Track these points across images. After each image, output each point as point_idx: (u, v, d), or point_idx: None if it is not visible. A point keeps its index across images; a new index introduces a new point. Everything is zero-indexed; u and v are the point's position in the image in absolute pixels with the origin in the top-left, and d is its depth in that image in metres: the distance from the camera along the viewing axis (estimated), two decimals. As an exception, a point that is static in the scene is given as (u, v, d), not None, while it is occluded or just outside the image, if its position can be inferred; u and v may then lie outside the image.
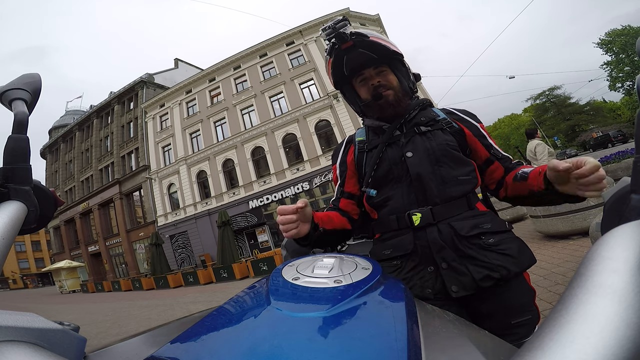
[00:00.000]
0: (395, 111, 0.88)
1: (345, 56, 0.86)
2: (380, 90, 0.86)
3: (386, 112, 0.88)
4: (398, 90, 0.88)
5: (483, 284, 0.72)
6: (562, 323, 0.15)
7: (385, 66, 0.89)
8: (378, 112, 0.89)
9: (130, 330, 4.08)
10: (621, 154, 5.12)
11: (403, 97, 0.89)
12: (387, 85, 0.87)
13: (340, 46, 0.82)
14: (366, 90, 0.90)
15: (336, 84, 0.97)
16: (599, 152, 21.58)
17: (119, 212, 20.30)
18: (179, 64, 25.37)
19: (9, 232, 0.32)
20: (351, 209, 0.94)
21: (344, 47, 0.82)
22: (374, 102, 0.88)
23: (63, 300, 14.27)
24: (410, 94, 0.91)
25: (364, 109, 0.93)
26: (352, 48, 0.83)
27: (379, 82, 0.87)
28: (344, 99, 1.00)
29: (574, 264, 2.74)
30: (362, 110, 0.95)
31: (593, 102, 41.40)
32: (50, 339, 0.23)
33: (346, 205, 0.94)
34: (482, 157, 0.87)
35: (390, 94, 0.87)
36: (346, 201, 0.94)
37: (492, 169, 0.87)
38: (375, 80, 0.88)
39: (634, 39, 27.62)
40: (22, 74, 0.41)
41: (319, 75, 16.21)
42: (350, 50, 0.84)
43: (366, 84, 0.90)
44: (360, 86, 0.92)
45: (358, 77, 0.91)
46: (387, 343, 0.27)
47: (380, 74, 0.88)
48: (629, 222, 0.21)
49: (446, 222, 0.78)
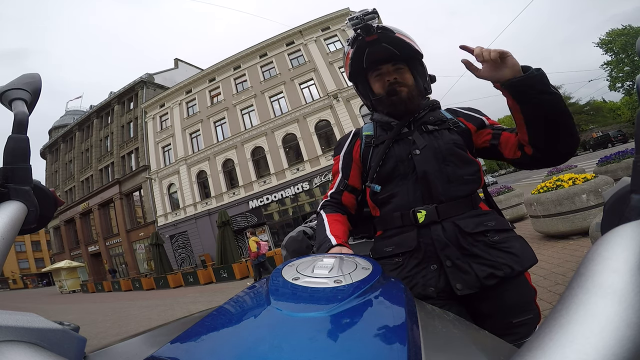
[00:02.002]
0: (407, 108, 0.88)
1: (368, 49, 0.86)
2: (396, 86, 0.87)
3: (398, 109, 0.88)
4: (413, 89, 0.88)
5: (487, 282, 0.72)
6: (562, 323, 0.15)
7: (404, 64, 0.89)
8: (390, 108, 0.89)
9: (130, 330, 4.08)
10: (621, 154, 5.13)
11: (417, 96, 0.89)
12: (403, 82, 0.87)
13: (365, 38, 0.82)
14: (381, 85, 0.90)
15: (351, 76, 0.97)
16: (599, 152, 21.57)
17: (119, 212, 20.30)
18: (179, 64, 25.37)
19: (9, 232, 0.32)
20: (351, 204, 0.94)
21: (368, 39, 0.82)
22: (387, 98, 0.88)
23: (63, 300, 14.27)
24: (424, 94, 0.92)
25: (375, 103, 0.93)
26: (376, 41, 0.83)
27: (395, 79, 0.87)
28: (356, 91, 1.00)
29: (574, 264, 2.74)
30: (373, 104, 0.95)
31: (593, 102, 41.42)
32: (50, 339, 0.23)
33: (347, 198, 0.93)
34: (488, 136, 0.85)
35: (405, 91, 0.87)
36: (349, 195, 0.94)
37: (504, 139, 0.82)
38: (392, 77, 0.88)
39: (634, 39, 27.60)
40: (22, 74, 0.41)
41: (319, 75, 16.20)
42: (374, 44, 0.84)
43: (382, 79, 0.90)
44: (375, 80, 0.92)
45: (375, 71, 0.91)
46: (387, 343, 0.27)
47: (397, 71, 0.89)
48: (629, 222, 0.20)
49: (450, 220, 0.78)
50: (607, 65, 33.03)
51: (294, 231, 1.34)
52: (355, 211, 0.95)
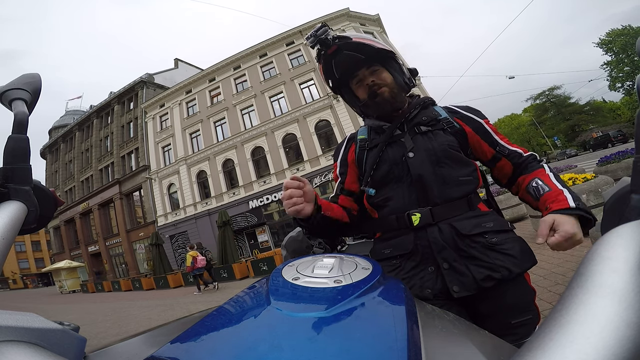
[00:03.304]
0: (393, 107, 0.88)
1: (333, 60, 0.88)
2: (375, 88, 0.87)
3: (384, 109, 0.88)
4: (393, 87, 0.88)
5: (484, 284, 0.72)
6: (562, 323, 0.15)
7: (378, 65, 0.90)
8: (377, 111, 0.90)
9: (130, 330, 4.08)
10: (621, 154, 5.13)
11: (399, 92, 0.90)
12: (382, 83, 0.88)
13: (326, 51, 0.84)
14: (363, 90, 0.91)
15: (334, 89, 0.98)
16: (599, 152, 21.58)
17: (119, 212, 20.30)
18: (179, 64, 25.38)
19: (9, 232, 0.32)
20: (349, 205, 0.94)
21: (329, 52, 0.85)
22: (371, 101, 0.88)
23: (63, 300, 14.27)
24: (406, 88, 0.92)
25: (364, 109, 0.94)
26: (338, 51, 0.85)
27: (373, 81, 0.88)
28: (345, 102, 1.00)
29: (574, 264, 2.74)
30: (362, 111, 0.95)
31: (593, 102, 41.39)
32: (50, 339, 0.23)
33: (344, 201, 0.94)
34: (487, 154, 0.87)
35: (386, 91, 0.87)
36: (345, 198, 0.95)
37: (500, 165, 0.87)
38: (370, 80, 0.88)
39: (634, 39, 27.61)
40: (22, 74, 0.41)
41: (319, 75, 16.07)
42: (337, 54, 0.86)
43: (362, 85, 0.90)
44: (357, 87, 0.93)
45: (353, 79, 0.92)
46: (387, 343, 0.27)
47: (373, 74, 0.89)
48: (629, 222, 0.21)
49: (447, 222, 0.77)
50: (607, 65, 33.05)
51: (294, 231, 1.34)
52: (357, 212, 0.96)
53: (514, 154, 0.86)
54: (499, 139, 0.88)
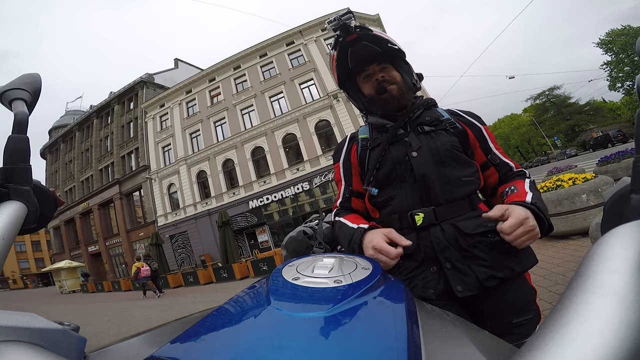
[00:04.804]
0: (399, 105, 0.88)
1: (350, 49, 0.87)
2: (384, 84, 0.87)
3: (390, 106, 0.88)
4: (401, 85, 0.89)
5: (487, 283, 0.72)
6: (562, 323, 0.15)
7: (388, 63, 0.90)
8: (382, 107, 0.89)
9: (131, 330, 4.08)
10: (621, 154, 5.14)
11: (407, 92, 0.90)
12: (391, 80, 0.88)
13: (345, 38, 0.83)
14: (370, 86, 0.90)
15: (340, 82, 0.97)
16: (599, 152, 21.57)
17: (119, 212, 20.31)
18: (179, 64, 25.39)
19: (9, 232, 0.32)
20: (362, 208, 0.94)
21: (348, 39, 0.84)
22: (377, 97, 0.88)
23: (63, 300, 14.27)
24: (413, 89, 0.92)
25: (368, 105, 0.93)
26: (357, 40, 0.84)
27: (383, 77, 0.88)
28: (348, 97, 1.00)
29: (574, 264, 2.74)
30: (366, 107, 0.95)
31: (593, 102, 41.44)
32: (50, 339, 0.23)
33: (357, 204, 0.93)
34: (479, 160, 0.88)
35: (394, 89, 0.87)
36: (357, 200, 0.93)
37: (487, 174, 0.87)
38: (379, 76, 0.88)
39: (634, 39, 27.60)
40: (22, 74, 0.41)
41: (319, 75, 16.20)
42: (355, 43, 0.85)
43: (370, 80, 0.90)
44: (364, 83, 0.92)
45: (362, 73, 0.92)
46: (387, 343, 0.27)
47: (383, 70, 0.89)
48: (629, 222, 0.21)
49: (450, 222, 0.77)
50: (607, 65, 33.06)
51: (294, 231, 1.34)
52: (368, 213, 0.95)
53: (504, 166, 0.86)
54: (494, 147, 0.88)
